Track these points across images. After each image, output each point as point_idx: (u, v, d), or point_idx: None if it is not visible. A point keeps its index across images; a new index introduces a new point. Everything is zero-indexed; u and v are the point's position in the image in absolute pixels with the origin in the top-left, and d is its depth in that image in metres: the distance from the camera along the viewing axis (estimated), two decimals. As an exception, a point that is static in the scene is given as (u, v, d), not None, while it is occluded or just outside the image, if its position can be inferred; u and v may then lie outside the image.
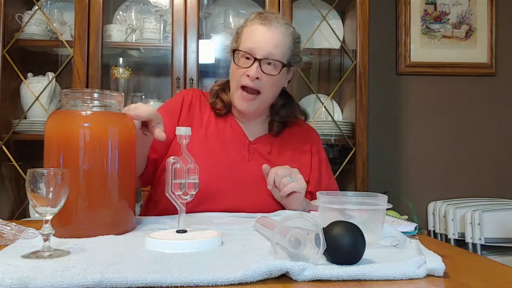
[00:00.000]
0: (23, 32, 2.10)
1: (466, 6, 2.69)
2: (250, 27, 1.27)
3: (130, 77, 2.22)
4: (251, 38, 1.24)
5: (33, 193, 0.76)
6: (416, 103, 2.67)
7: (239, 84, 1.25)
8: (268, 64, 1.23)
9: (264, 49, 1.22)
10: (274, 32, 1.24)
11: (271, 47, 1.23)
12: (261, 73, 1.22)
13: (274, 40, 1.23)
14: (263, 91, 1.25)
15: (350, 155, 2.20)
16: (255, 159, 1.30)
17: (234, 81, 1.27)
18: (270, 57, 1.23)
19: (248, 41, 1.24)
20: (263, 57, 1.22)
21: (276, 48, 1.23)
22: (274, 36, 1.23)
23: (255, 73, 1.21)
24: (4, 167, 2.07)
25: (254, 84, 1.23)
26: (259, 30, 1.24)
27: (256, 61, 1.22)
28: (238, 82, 1.25)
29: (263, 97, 1.27)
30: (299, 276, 0.65)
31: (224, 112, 1.33)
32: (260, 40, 1.23)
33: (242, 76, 1.24)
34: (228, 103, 1.33)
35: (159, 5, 2.24)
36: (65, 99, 0.94)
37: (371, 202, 0.85)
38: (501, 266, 0.77)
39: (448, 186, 2.65)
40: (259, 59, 1.22)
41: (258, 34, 1.24)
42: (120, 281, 0.61)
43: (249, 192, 1.24)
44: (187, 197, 0.88)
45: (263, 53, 1.22)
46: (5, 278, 0.60)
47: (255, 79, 1.22)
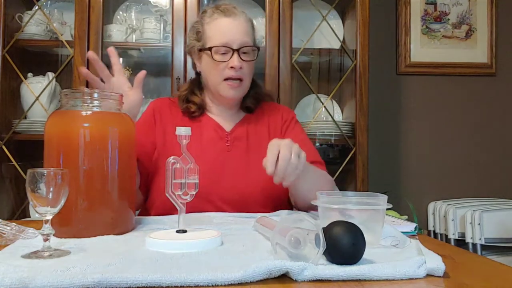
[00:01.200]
0: (23, 32, 2.10)
1: (466, 6, 2.69)
2: (213, 22, 1.31)
3: (130, 77, 2.21)
4: (221, 33, 1.29)
5: (33, 193, 0.76)
6: (416, 103, 2.67)
7: (223, 77, 1.29)
8: (244, 52, 1.29)
9: (238, 39, 1.28)
10: (239, 21, 1.30)
11: (243, 35, 1.29)
12: (242, 62, 1.28)
13: (243, 29, 1.30)
14: (245, 78, 1.31)
15: (350, 155, 2.20)
16: (235, 148, 1.33)
17: (216, 77, 1.31)
18: (245, 45, 1.29)
19: (218, 36, 1.29)
20: (240, 46, 1.28)
21: (247, 35, 1.30)
22: (240, 24, 1.30)
23: (238, 62, 1.27)
24: (4, 167, 2.07)
25: (238, 73, 1.29)
26: (226, 23, 1.30)
27: (235, 52, 1.27)
28: (221, 76, 1.29)
29: (245, 84, 1.33)
30: (299, 276, 0.65)
31: (198, 114, 1.37)
32: (231, 31, 1.28)
33: (224, 69, 1.28)
34: (200, 104, 1.37)
35: (159, 5, 2.24)
36: (65, 99, 0.94)
37: (371, 202, 0.85)
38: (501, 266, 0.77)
39: (448, 186, 2.65)
40: (236, 49, 1.27)
41: (227, 26, 1.29)
42: (120, 281, 0.61)
43: (233, 181, 1.26)
44: (187, 197, 0.88)
45: (238, 43, 1.28)
46: (5, 278, 0.60)
47: (239, 69, 1.28)
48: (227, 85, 1.30)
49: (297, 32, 2.20)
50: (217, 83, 1.31)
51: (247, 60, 1.29)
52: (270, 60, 2.10)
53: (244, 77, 1.30)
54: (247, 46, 1.29)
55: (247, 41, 1.29)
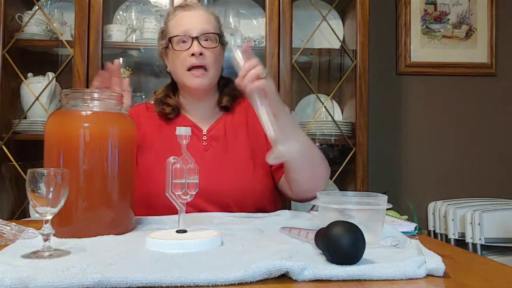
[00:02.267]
0: (23, 32, 2.10)
1: (466, 6, 2.69)
2: (174, 18, 1.33)
3: (130, 77, 2.22)
4: (180, 23, 1.30)
5: (33, 193, 0.76)
6: (416, 103, 2.67)
7: (185, 67, 1.29)
8: (205, 40, 1.29)
9: (197, 27, 1.29)
10: (199, 13, 1.32)
11: (203, 23, 1.30)
12: (203, 49, 1.28)
13: (202, 18, 1.31)
14: (209, 67, 1.30)
15: (350, 155, 2.20)
16: (212, 147, 1.33)
17: (179, 67, 1.31)
18: (205, 32, 1.29)
19: (178, 26, 1.30)
20: (199, 33, 1.28)
21: (207, 23, 1.31)
22: (200, 15, 1.32)
23: (198, 48, 1.26)
24: (4, 167, 2.07)
25: (199, 60, 1.28)
26: (185, 15, 1.32)
27: (195, 39, 1.27)
28: (183, 66, 1.29)
29: (210, 73, 1.31)
30: (299, 276, 0.65)
31: (175, 115, 1.37)
32: (190, 21, 1.30)
33: (186, 58, 1.28)
34: (175, 105, 1.37)
35: (159, 5, 2.24)
36: (65, 99, 0.94)
37: (371, 202, 0.85)
38: (501, 266, 0.77)
39: (448, 186, 2.65)
40: (196, 36, 1.27)
41: (186, 18, 1.31)
42: (120, 281, 0.61)
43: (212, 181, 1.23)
44: (187, 197, 0.88)
45: (197, 30, 1.28)
46: (5, 278, 0.60)
47: (199, 55, 1.27)
48: (191, 74, 1.29)
49: (297, 32, 2.20)
50: (181, 74, 1.31)
51: (208, 47, 1.28)
52: (270, 60, 2.10)
53: (207, 65, 1.29)
54: (207, 33, 1.29)
55: (207, 28, 1.29)
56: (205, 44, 1.28)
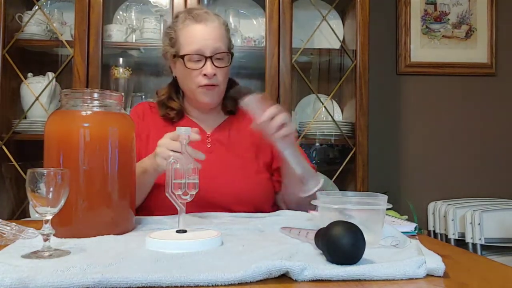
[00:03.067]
0: (23, 32, 2.10)
1: (466, 6, 2.69)
2: (185, 29, 1.29)
3: (130, 77, 2.22)
4: (193, 40, 1.27)
5: (33, 193, 0.76)
6: (416, 103, 2.67)
7: (197, 84, 1.28)
8: (218, 59, 1.28)
9: (210, 45, 1.26)
10: (212, 28, 1.29)
11: (215, 41, 1.27)
12: (216, 69, 1.27)
13: (215, 35, 1.28)
14: (220, 84, 1.30)
15: (350, 155, 2.20)
16: (216, 149, 1.33)
17: (190, 84, 1.30)
18: (218, 51, 1.27)
19: (191, 43, 1.27)
20: (212, 53, 1.26)
21: (219, 41, 1.28)
22: (213, 31, 1.28)
23: (212, 70, 1.26)
24: (4, 167, 2.07)
25: (212, 81, 1.28)
26: (197, 30, 1.28)
27: (208, 59, 1.26)
28: (195, 83, 1.29)
29: (220, 89, 1.32)
30: (299, 276, 0.65)
31: (178, 119, 1.36)
32: (203, 38, 1.27)
33: (198, 76, 1.27)
34: (179, 109, 1.36)
35: (159, 5, 2.24)
36: (65, 99, 0.94)
37: (371, 202, 0.85)
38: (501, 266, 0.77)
39: (448, 186, 2.65)
40: (209, 56, 1.26)
41: (198, 33, 1.28)
42: (120, 281, 0.61)
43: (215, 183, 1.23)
44: (187, 197, 0.88)
45: (211, 50, 1.26)
46: (5, 278, 0.60)
47: (213, 76, 1.27)
48: (202, 91, 1.29)
49: (297, 32, 2.20)
50: (192, 89, 1.30)
51: (220, 66, 1.28)
52: (270, 60, 2.10)
53: (218, 83, 1.29)
54: (220, 52, 1.27)
55: (220, 47, 1.27)
56: (218, 64, 1.27)
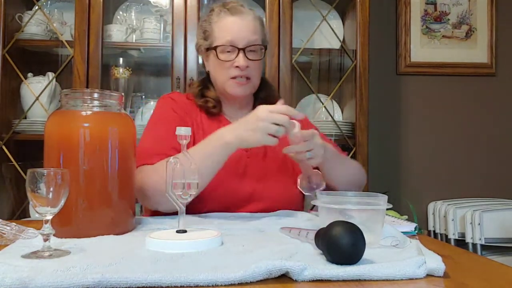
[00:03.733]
0: (23, 32, 2.10)
1: (466, 6, 2.69)
2: (220, 22, 1.29)
3: (130, 77, 2.22)
4: (227, 31, 1.27)
5: (33, 193, 0.76)
6: (416, 103, 2.67)
7: (229, 76, 1.27)
8: (251, 51, 1.27)
9: (244, 37, 1.26)
10: (247, 20, 1.28)
11: (250, 34, 1.27)
12: (248, 61, 1.26)
13: (250, 28, 1.28)
14: (252, 77, 1.29)
15: (350, 155, 2.20)
16: (253, 154, 1.31)
17: (222, 76, 1.29)
18: (251, 43, 1.26)
19: (225, 34, 1.27)
20: (246, 45, 1.26)
21: (254, 34, 1.28)
22: (248, 24, 1.28)
23: (244, 62, 1.25)
24: (4, 167, 2.07)
25: (244, 73, 1.27)
26: (232, 22, 1.27)
27: (241, 51, 1.25)
28: (227, 75, 1.28)
29: (253, 82, 1.31)
30: (299, 276, 0.65)
31: (216, 111, 1.33)
32: (237, 30, 1.26)
33: (230, 68, 1.27)
34: (217, 99, 1.34)
35: (159, 5, 2.24)
36: (65, 99, 0.94)
37: (371, 202, 0.85)
38: (501, 266, 0.77)
39: (448, 186, 2.65)
40: (242, 48, 1.25)
41: (233, 25, 1.27)
42: (120, 281, 0.61)
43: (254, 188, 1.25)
44: (187, 197, 0.88)
45: (244, 42, 1.26)
46: (5, 278, 0.60)
47: (245, 68, 1.26)
48: (234, 82, 1.27)
49: (297, 32, 2.20)
50: (223, 81, 1.29)
51: (253, 59, 1.27)
52: (270, 60, 2.10)
53: (251, 75, 1.28)
54: (254, 44, 1.26)
55: (254, 40, 1.26)
56: (251, 56, 1.26)
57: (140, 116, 2.18)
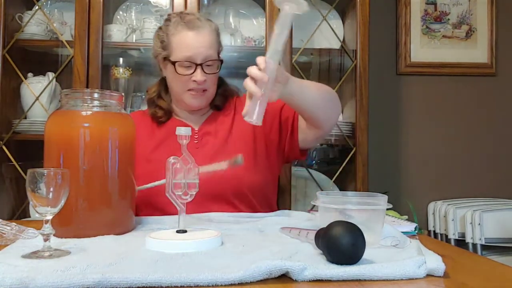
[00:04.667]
0: (23, 32, 2.10)
1: (466, 6, 2.69)
2: (178, 35, 1.30)
3: (130, 77, 2.22)
4: (184, 47, 1.29)
5: (33, 193, 0.76)
6: (416, 103, 2.67)
7: (186, 88, 1.31)
8: (208, 65, 1.30)
9: (201, 53, 1.28)
10: (204, 35, 1.30)
11: (206, 49, 1.29)
12: (205, 75, 1.29)
13: (206, 43, 1.30)
14: (209, 88, 1.33)
15: (350, 155, 2.20)
16: (203, 144, 1.34)
17: (179, 87, 1.32)
18: (209, 58, 1.29)
19: (182, 50, 1.29)
20: (203, 61, 1.29)
21: (210, 49, 1.30)
22: (205, 38, 1.30)
23: (202, 77, 1.28)
24: (4, 167, 2.07)
25: (201, 86, 1.30)
26: (189, 37, 1.29)
27: (199, 66, 1.28)
28: (184, 87, 1.31)
29: (209, 93, 1.35)
30: (299, 276, 0.65)
31: (166, 118, 1.38)
32: (194, 46, 1.28)
33: (187, 81, 1.30)
34: (167, 109, 1.38)
35: (159, 5, 2.24)
36: (65, 99, 0.94)
37: (371, 202, 0.85)
38: (501, 266, 0.77)
39: (448, 186, 2.65)
40: (200, 63, 1.28)
41: (190, 40, 1.29)
42: (120, 281, 0.61)
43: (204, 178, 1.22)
44: (187, 197, 0.88)
45: (201, 57, 1.28)
46: (5, 278, 0.60)
47: (203, 82, 1.29)
48: (191, 94, 1.31)
49: (297, 32, 2.20)
50: (180, 93, 1.33)
51: (210, 73, 1.30)
52: (270, 60, 2.10)
53: (208, 87, 1.32)
54: (211, 59, 1.29)
55: (211, 55, 1.30)
56: (208, 70, 1.30)
57: (140, 116, 2.18)
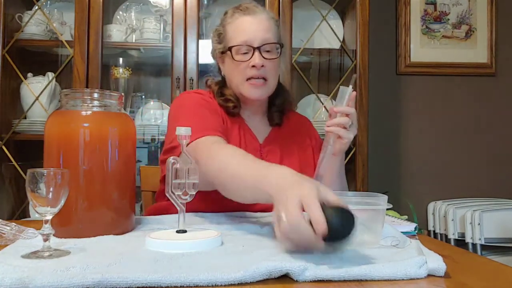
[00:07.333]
0: (23, 32, 2.10)
1: (466, 6, 2.69)
2: (234, 23, 1.26)
3: (130, 77, 2.22)
4: (241, 31, 1.24)
5: (33, 193, 0.76)
6: (416, 103, 2.67)
7: (245, 77, 1.24)
8: (266, 51, 1.24)
9: (259, 36, 1.23)
10: (260, 19, 1.25)
11: (264, 32, 1.24)
12: (264, 61, 1.23)
13: (264, 26, 1.25)
14: (269, 77, 1.26)
15: (350, 155, 2.20)
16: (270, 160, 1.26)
17: (238, 77, 1.26)
18: (267, 42, 1.24)
19: (239, 35, 1.24)
20: (261, 43, 1.23)
21: (268, 32, 1.25)
22: (262, 22, 1.25)
23: (260, 61, 1.22)
24: (4, 167, 2.07)
25: (260, 72, 1.23)
26: (246, 21, 1.25)
27: (256, 50, 1.22)
28: (243, 76, 1.24)
29: (270, 84, 1.27)
30: (299, 276, 0.65)
31: (237, 111, 1.31)
32: (251, 29, 1.24)
33: (246, 69, 1.23)
34: (236, 98, 1.30)
35: (159, 5, 2.24)
36: (65, 99, 0.94)
37: (371, 202, 0.85)
38: (501, 266, 0.77)
39: (448, 186, 2.65)
40: (258, 47, 1.23)
41: (247, 25, 1.25)
42: (120, 281, 0.61)
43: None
44: (187, 197, 0.88)
45: (259, 40, 1.23)
46: (5, 278, 0.60)
47: (261, 67, 1.23)
48: (250, 84, 1.24)
49: (297, 32, 2.20)
50: (239, 83, 1.26)
51: (269, 58, 1.23)
52: (270, 60, 2.10)
53: (267, 76, 1.25)
54: (269, 43, 1.23)
55: (269, 38, 1.23)
56: (266, 55, 1.23)
57: (140, 116, 2.18)
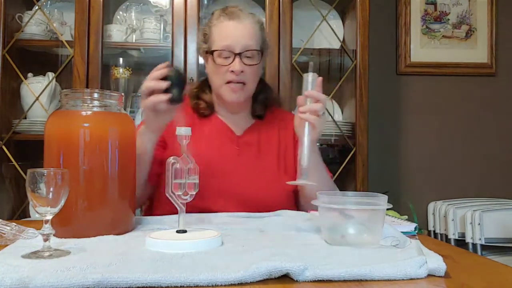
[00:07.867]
0: (23, 32, 2.10)
1: (466, 6, 2.69)
2: (219, 26, 1.29)
3: (130, 77, 2.22)
4: (224, 36, 1.27)
5: (33, 193, 0.76)
6: (416, 103, 2.67)
7: (224, 80, 1.28)
8: (247, 57, 1.27)
9: (240, 42, 1.26)
10: (244, 25, 1.28)
11: (247, 39, 1.27)
12: (244, 66, 1.26)
13: (247, 32, 1.28)
14: (248, 82, 1.30)
15: (350, 155, 2.20)
16: (245, 153, 1.33)
17: (218, 79, 1.30)
18: (248, 48, 1.27)
19: (222, 39, 1.27)
20: (242, 50, 1.26)
21: (251, 39, 1.28)
22: (245, 28, 1.28)
23: (239, 67, 1.26)
24: (4, 167, 2.07)
25: (239, 77, 1.27)
26: (230, 26, 1.28)
27: (237, 56, 1.26)
28: (222, 79, 1.28)
29: (248, 88, 1.31)
30: (299, 276, 0.65)
31: (208, 113, 1.36)
32: (234, 35, 1.27)
33: (226, 73, 1.27)
34: (210, 103, 1.36)
35: (159, 5, 2.24)
36: (65, 99, 0.94)
37: (371, 202, 0.85)
38: (501, 266, 0.77)
39: (448, 186, 2.65)
40: (238, 53, 1.26)
41: (230, 30, 1.28)
42: (120, 281, 0.61)
43: (244, 187, 1.26)
44: (187, 197, 0.88)
45: (240, 47, 1.26)
46: (5, 278, 0.60)
47: (240, 73, 1.26)
48: (229, 88, 1.28)
49: (297, 32, 2.20)
50: (218, 86, 1.30)
51: (249, 64, 1.27)
52: (270, 60, 2.10)
53: (246, 80, 1.28)
54: (250, 50, 1.27)
55: (251, 45, 1.27)
56: (247, 61, 1.27)
57: (140, 116, 2.18)
